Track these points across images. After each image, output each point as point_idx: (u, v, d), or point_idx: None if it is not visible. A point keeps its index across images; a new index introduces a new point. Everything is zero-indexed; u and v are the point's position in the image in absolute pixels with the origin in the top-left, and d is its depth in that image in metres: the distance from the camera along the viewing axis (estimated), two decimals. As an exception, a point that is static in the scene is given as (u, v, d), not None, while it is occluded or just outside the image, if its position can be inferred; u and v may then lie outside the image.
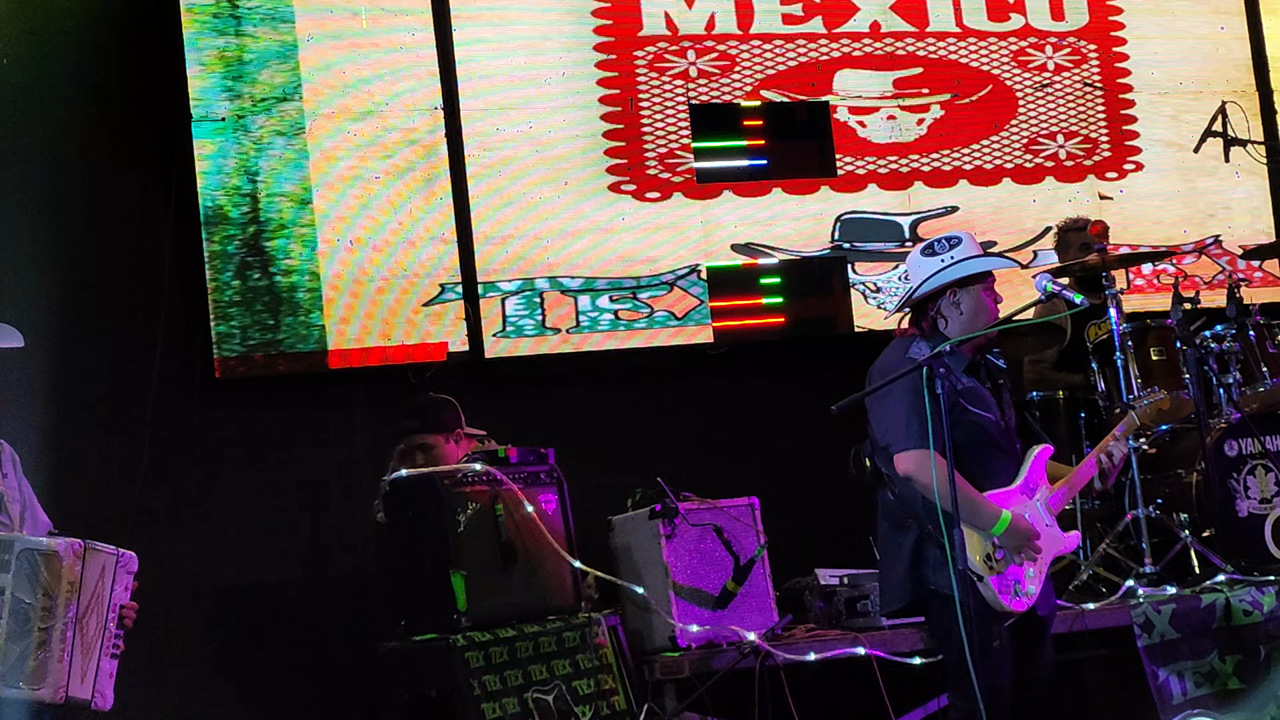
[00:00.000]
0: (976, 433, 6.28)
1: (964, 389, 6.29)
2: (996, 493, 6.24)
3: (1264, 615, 7.60)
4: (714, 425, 9.77)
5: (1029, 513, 6.27)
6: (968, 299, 6.35)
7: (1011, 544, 6.15)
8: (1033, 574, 6.21)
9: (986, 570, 6.10)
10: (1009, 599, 6.12)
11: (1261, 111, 11.27)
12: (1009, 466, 6.38)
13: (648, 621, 7.44)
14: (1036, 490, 6.36)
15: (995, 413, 6.39)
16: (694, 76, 10.15)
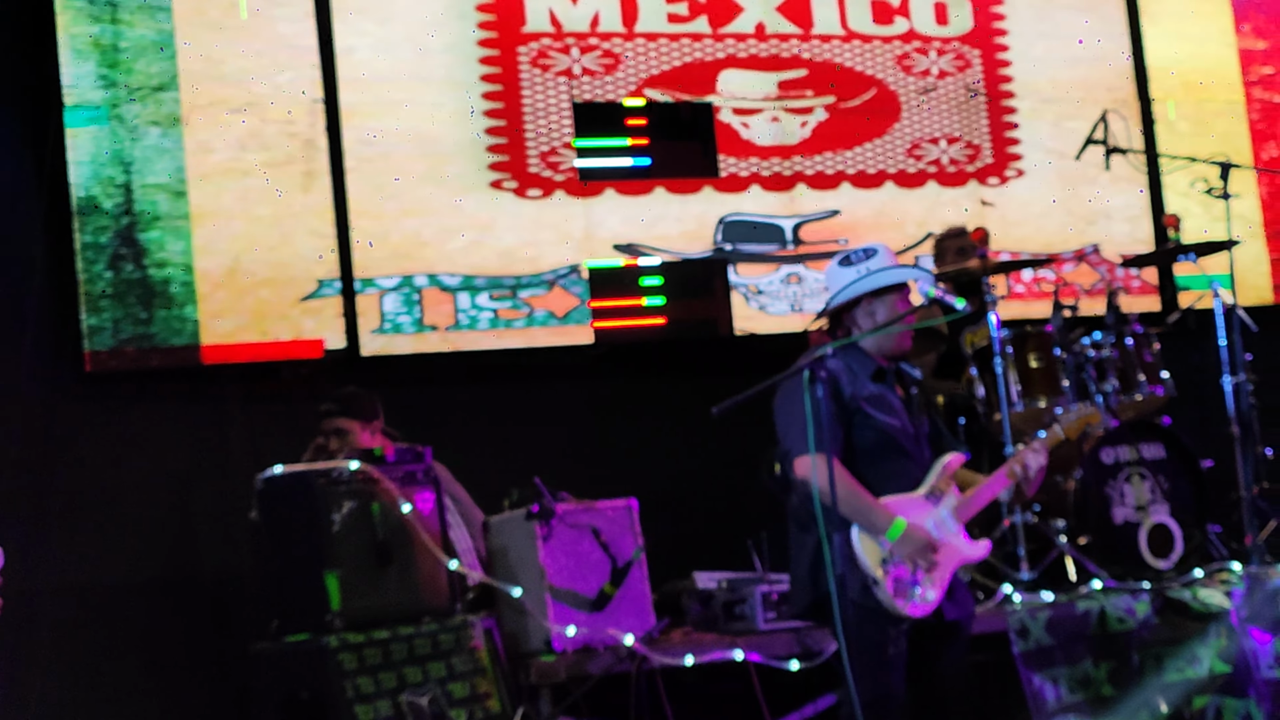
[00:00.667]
0: (879, 438, 6.36)
1: (869, 395, 6.38)
2: (896, 498, 6.28)
3: (1138, 622, 7.66)
4: (593, 426, 9.73)
5: (932, 520, 6.30)
6: (882, 308, 6.44)
7: (906, 549, 6.20)
8: (932, 580, 6.24)
9: (882, 575, 6.15)
10: (904, 603, 6.16)
11: (1142, 120, 11.36)
12: (914, 472, 6.42)
13: (523, 624, 7.38)
14: (943, 498, 6.39)
15: (902, 419, 6.45)
16: (577, 74, 10.09)
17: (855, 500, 6.16)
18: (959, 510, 6.42)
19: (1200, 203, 10.47)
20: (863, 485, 6.23)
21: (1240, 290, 9.09)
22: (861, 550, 6.15)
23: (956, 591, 6.45)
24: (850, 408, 6.31)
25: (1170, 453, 8.61)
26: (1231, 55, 11.81)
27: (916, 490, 6.37)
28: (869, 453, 6.32)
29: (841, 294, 6.49)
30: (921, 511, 6.31)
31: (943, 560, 6.30)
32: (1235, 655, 7.74)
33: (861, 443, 6.32)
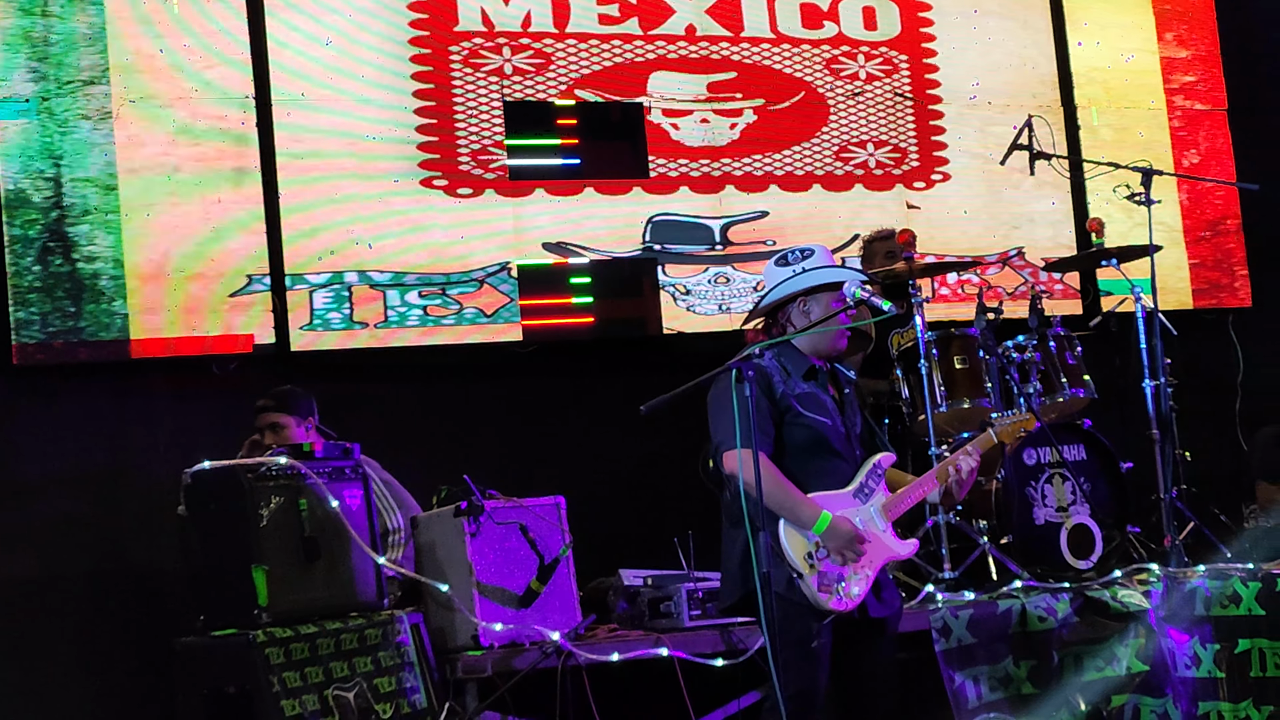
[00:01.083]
0: (810, 435, 6.44)
1: (801, 393, 6.46)
2: (823, 495, 6.35)
3: (1058, 622, 7.72)
4: (521, 424, 9.76)
5: (860, 517, 6.38)
6: (817, 307, 6.51)
7: (832, 544, 6.26)
8: (858, 576, 6.31)
9: (807, 568, 6.23)
10: (828, 597, 6.22)
11: (1066, 126, 11.47)
12: (844, 470, 6.50)
13: (450, 620, 7.39)
14: (872, 496, 6.47)
15: (833, 418, 6.52)
16: (509, 73, 10.12)
17: (781, 494, 6.23)
18: (887, 508, 6.49)
19: (1122, 208, 10.56)
20: (792, 481, 6.30)
21: (1161, 295, 9.18)
22: (787, 544, 6.22)
23: (884, 590, 6.52)
24: (782, 405, 6.38)
25: (1091, 454, 8.71)
26: (1154, 63, 11.94)
27: (846, 487, 6.44)
28: (799, 450, 6.40)
29: (775, 292, 6.56)
30: (849, 508, 6.38)
31: (869, 556, 6.37)
32: (1153, 655, 7.82)
33: (792, 440, 6.40)
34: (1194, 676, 7.93)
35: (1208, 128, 12.01)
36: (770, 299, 6.58)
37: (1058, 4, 11.68)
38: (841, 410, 6.57)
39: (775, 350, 6.49)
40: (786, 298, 6.54)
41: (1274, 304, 11.80)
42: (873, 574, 6.38)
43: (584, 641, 7.37)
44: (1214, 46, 12.13)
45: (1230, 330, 11.46)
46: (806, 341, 6.50)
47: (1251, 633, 7.99)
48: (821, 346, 6.52)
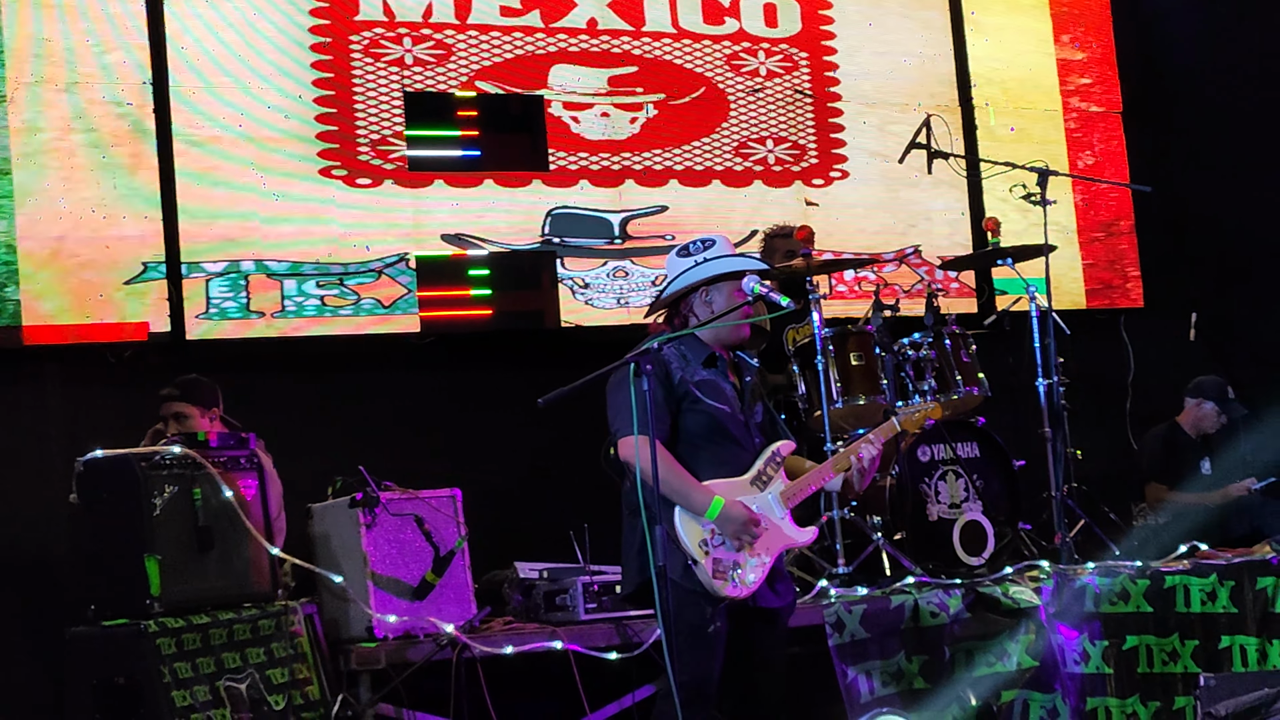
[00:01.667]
0: (708, 422, 6.44)
1: (700, 380, 6.46)
2: (720, 481, 6.35)
3: (950, 617, 7.77)
4: (419, 416, 9.73)
5: (756, 503, 6.38)
6: (719, 297, 6.52)
7: (726, 530, 6.27)
8: (754, 563, 6.32)
9: (702, 555, 6.23)
10: (723, 583, 6.23)
11: (963, 126, 11.57)
12: (743, 458, 6.50)
13: (345, 611, 7.37)
14: (770, 483, 6.47)
15: (732, 406, 6.52)
16: (409, 64, 10.09)
17: (676, 480, 6.22)
18: (786, 496, 6.50)
19: (1018, 208, 10.65)
20: (690, 468, 6.31)
21: (1055, 294, 9.26)
22: (682, 531, 6.22)
23: (778, 582, 6.53)
24: (679, 392, 6.38)
25: (984, 452, 8.79)
26: (1050, 65, 12.07)
27: (743, 474, 6.45)
28: (697, 437, 6.41)
29: (677, 282, 6.58)
30: (746, 495, 6.38)
31: (765, 543, 6.37)
32: (1043, 651, 7.89)
33: (690, 427, 6.41)
34: (1082, 672, 8.01)
35: (1102, 129, 12.15)
36: (672, 289, 6.59)
37: (956, 5, 11.78)
38: (741, 398, 6.57)
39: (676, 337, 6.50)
40: (688, 288, 6.55)
41: (1165, 305, 11.94)
42: (770, 561, 6.39)
43: (479, 634, 7.37)
44: (1109, 49, 12.28)
45: (1122, 330, 11.59)
46: (708, 331, 6.52)
47: (1139, 629, 8.10)
48: (723, 335, 6.55)
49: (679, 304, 6.60)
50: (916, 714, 7.52)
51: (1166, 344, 11.61)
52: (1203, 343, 11.66)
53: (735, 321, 6.52)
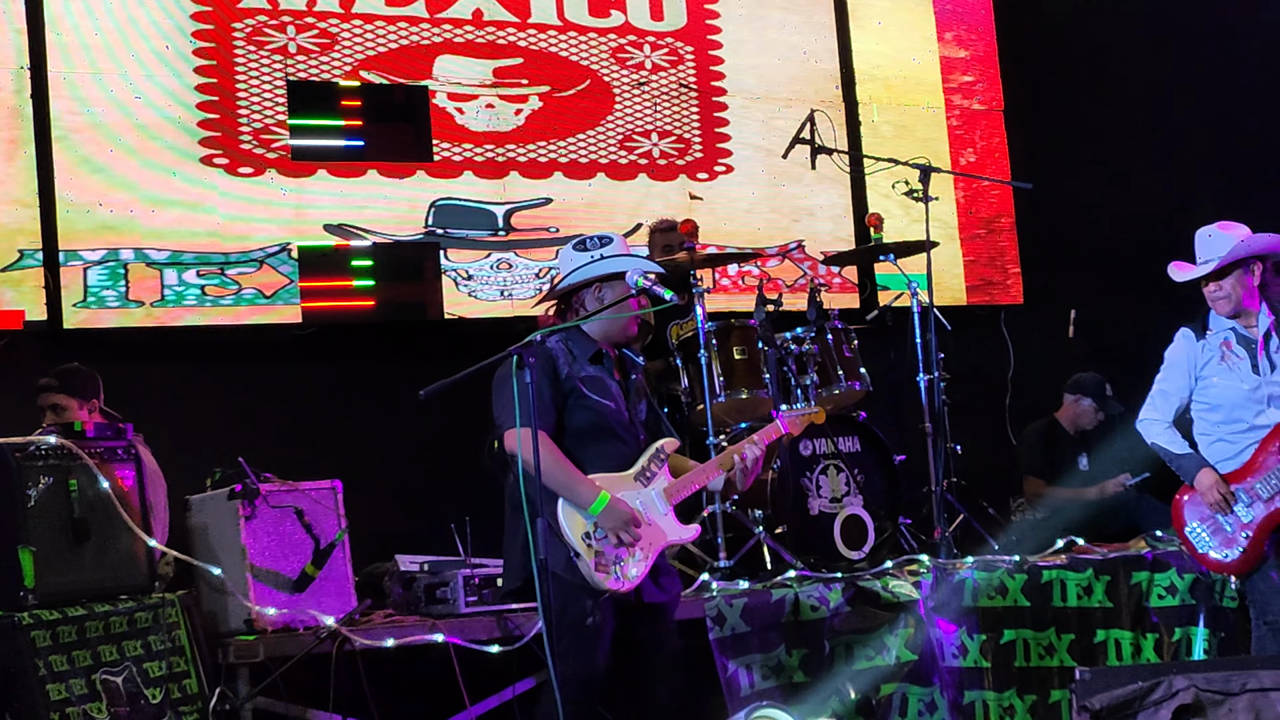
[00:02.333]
0: (593, 418, 6.46)
1: (586, 376, 6.48)
2: (604, 476, 6.37)
3: (830, 611, 7.81)
4: (299, 407, 9.68)
5: (640, 500, 6.41)
6: (611, 294, 6.54)
7: (609, 524, 6.28)
8: (636, 558, 6.34)
9: (585, 548, 6.24)
10: (605, 577, 6.24)
11: (847, 122, 11.63)
12: (627, 454, 6.52)
13: (223, 603, 7.30)
14: (654, 480, 6.50)
15: (618, 403, 6.55)
16: (293, 52, 10.02)
17: (561, 474, 6.24)
18: (669, 493, 6.53)
19: (901, 204, 10.73)
20: (574, 463, 6.32)
21: (936, 290, 9.33)
22: (565, 524, 6.24)
23: (662, 576, 6.56)
24: (566, 387, 6.40)
25: (865, 447, 8.83)
26: (934, 62, 12.16)
27: (627, 471, 6.47)
28: (582, 432, 6.42)
29: (571, 276, 6.59)
30: (630, 491, 6.41)
31: (648, 539, 6.39)
32: (922, 644, 7.94)
33: (575, 422, 6.42)
34: (960, 666, 8.07)
35: (984, 127, 12.26)
36: (567, 282, 6.60)
37: (841, 1, 11.83)
38: (626, 395, 6.60)
39: (563, 334, 6.52)
40: (582, 282, 6.56)
41: (1045, 301, 12.07)
42: (652, 557, 6.41)
43: (359, 627, 7.32)
44: (992, 48, 12.39)
45: (1002, 326, 11.68)
46: (596, 327, 6.53)
47: (1017, 624, 8.18)
48: (611, 332, 6.56)
49: (570, 298, 6.61)
50: (796, 707, 7.53)
51: (1046, 340, 11.72)
52: (1082, 339, 11.79)
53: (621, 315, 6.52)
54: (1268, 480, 7.30)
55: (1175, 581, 8.28)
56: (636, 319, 6.63)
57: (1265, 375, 7.41)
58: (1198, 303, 7.69)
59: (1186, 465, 7.49)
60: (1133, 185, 12.50)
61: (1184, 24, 12.94)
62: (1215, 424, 7.53)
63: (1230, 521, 7.40)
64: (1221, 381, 7.46)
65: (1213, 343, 7.52)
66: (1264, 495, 7.30)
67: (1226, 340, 7.49)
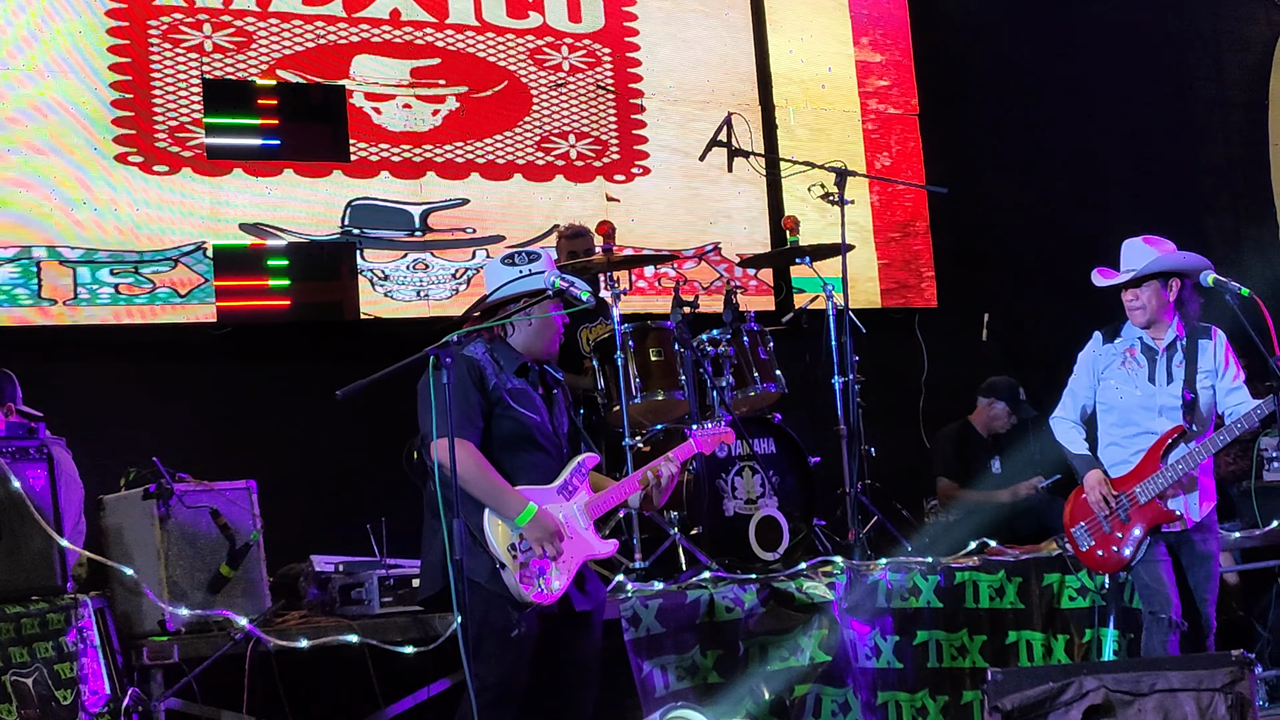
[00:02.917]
0: (518, 430, 6.53)
1: (512, 389, 6.55)
2: (529, 488, 6.43)
3: (745, 612, 7.85)
4: (215, 406, 9.62)
5: (563, 513, 6.47)
6: (537, 310, 6.53)
7: (535, 536, 6.33)
8: (559, 570, 6.39)
9: (510, 559, 6.28)
10: (530, 589, 6.28)
11: (764, 125, 11.67)
12: (549, 467, 6.59)
13: (137, 604, 7.25)
14: (575, 494, 6.57)
15: (542, 415, 6.62)
16: (209, 51, 9.97)
17: (488, 484, 6.29)
18: (590, 507, 6.60)
19: (816, 207, 10.81)
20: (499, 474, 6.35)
21: (852, 293, 9.37)
22: (491, 534, 6.27)
23: (588, 583, 6.62)
24: (493, 398, 6.46)
25: (780, 449, 8.87)
26: (850, 67, 12.21)
27: (551, 483, 6.51)
28: (507, 443, 6.48)
29: (500, 290, 6.63)
30: (553, 503, 6.46)
31: (570, 551, 6.45)
32: (836, 645, 7.99)
33: (500, 433, 6.48)
34: (874, 667, 8.13)
35: (899, 131, 12.32)
36: (496, 296, 6.65)
37: (758, 4, 11.88)
38: (550, 408, 6.66)
39: (489, 345, 6.58)
40: (511, 296, 6.61)
41: (958, 305, 12.15)
42: (573, 569, 6.47)
43: (273, 627, 7.30)
44: (907, 52, 12.45)
45: (916, 330, 11.76)
46: (521, 341, 6.61)
47: (930, 625, 8.25)
48: (535, 347, 6.63)
49: (496, 312, 6.64)
50: (711, 708, 7.57)
51: (959, 344, 11.81)
52: (994, 343, 11.88)
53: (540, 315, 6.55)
54: (1147, 486, 7.50)
55: (1086, 583, 8.36)
56: (558, 336, 6.68)
57: (1160, 386, 7.60)
58: (1110, 307, 7.80)
59: (1079, 465, 7.74)
60: (1045, 190, 12.64)
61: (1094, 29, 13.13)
62: (1110, 426, 7.74)
63: (1111, 522, 7.58)
64: (1119, 386, 7.66)
65: (1119, 348, 7.70)
66: (1142, 499, 7.50)
67: (1131, 347, 7.67)
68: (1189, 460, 7.52)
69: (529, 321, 6.59)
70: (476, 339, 6.60)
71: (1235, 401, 7.68)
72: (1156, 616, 7.52)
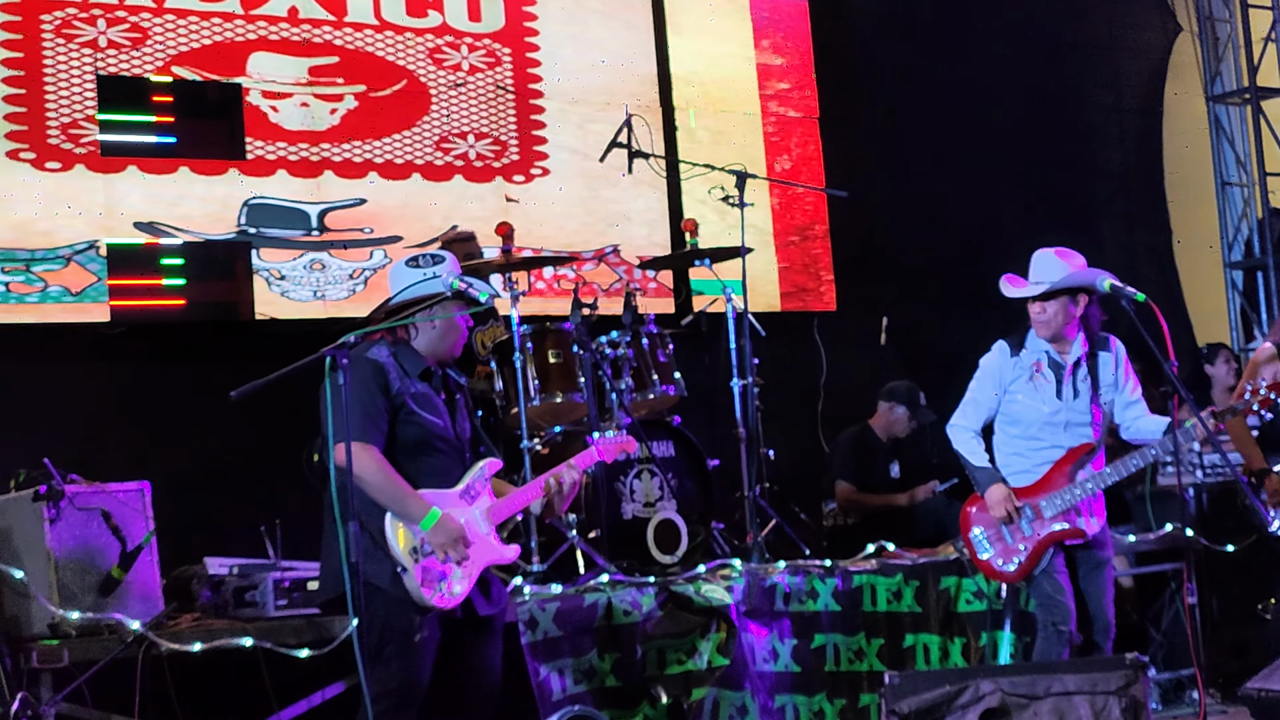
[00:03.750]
0: (421, 434, 6.52)
1: (415, 392, 6.54)
2: (432, 492, 6.44)
3: (643, 615, 7.84)
4: (107, 407, 9.51)
5: (465, 517, 6.47)
6: (441, 312, 6.48)
7: (438, 541, 6.33)
8: (461, 574, 6.39)
9: (411, 563, 6.27)
10: (431, 593, 6.27)
11: (664, 127, 11.66)
12: (453, 471, 6.60)
13: (26, 607, 7.16)
14: (478, 499, 6.56)
15: (445, 420, 6.62)
16: (103, 46, 9.84)
17: (392, 488, 6.28)
18: (492, 512, 6.62)
19: (716, 210, 10.82)
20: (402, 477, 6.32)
21: (751, 296, 9.39)
22: (393, 538, 6.26)
23: (492, 587, 6.62)
24: (396, 402, 6.45)
25: (679, 451, 8.87)
26: (750, 69, 12.23)
27: (454, 488, 6.50)
28: (410, 448, 6.48)
29: (404, 292, 6.62)
30: (456, 508, 6.45)
31: (473, 556, 6.45)
32: (733, 649, 8.01)
33: (404, 437, 6.47)
34: (772, 670, 8.15)
35: (800, 134, 12.34)
36: (399, 298, 6.63)
37: (659, 6, 11.88)
38: (452, 412, 6.65)
39: (393, 349, 6.56)
40: (412, 300, 6.57)
41: (857, 308, 12.20)
42: (475, 574, 6.46)
43: (166, 631, 7.22)
44: (808, 55, 12.48)
45: (815, 333, 11.79)
46: (425, 344, 6.61)
47: (828, 628, 8.28)
48: (440, 350, 6.63)
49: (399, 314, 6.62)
50: (608, 712, 7.57)
51: (858, 347, 11.85)
52: (893, 347, 11.94)
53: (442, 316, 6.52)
54: (1053, 500, 7.60)
55: (983, 587, 8.40)
56: (462, 339, 6.67)
57: (1067, 402, 7.69)
58: (1009, 313, 7.85)
59: (981, 477, 7.78)
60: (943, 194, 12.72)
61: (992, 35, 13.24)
62: (1013, 437, 7.81)
63: (1012, 533, 7.65)
64: (1025, 400, 7.72)
65: (1025, 361, 7.76)
66: (1048, 514, 7.61)
67: (1038, 361, 7.74)
68: (1100, 480, 7.60)
69: (432, 324, 6.57)
70: (380, 342, 6.58)
71: (1134, 415, 7.79)
72: (1057, 628, 7.59)
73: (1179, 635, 9.38)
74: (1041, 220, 12.78)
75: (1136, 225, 14.22)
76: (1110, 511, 7.96)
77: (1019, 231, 12.51)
